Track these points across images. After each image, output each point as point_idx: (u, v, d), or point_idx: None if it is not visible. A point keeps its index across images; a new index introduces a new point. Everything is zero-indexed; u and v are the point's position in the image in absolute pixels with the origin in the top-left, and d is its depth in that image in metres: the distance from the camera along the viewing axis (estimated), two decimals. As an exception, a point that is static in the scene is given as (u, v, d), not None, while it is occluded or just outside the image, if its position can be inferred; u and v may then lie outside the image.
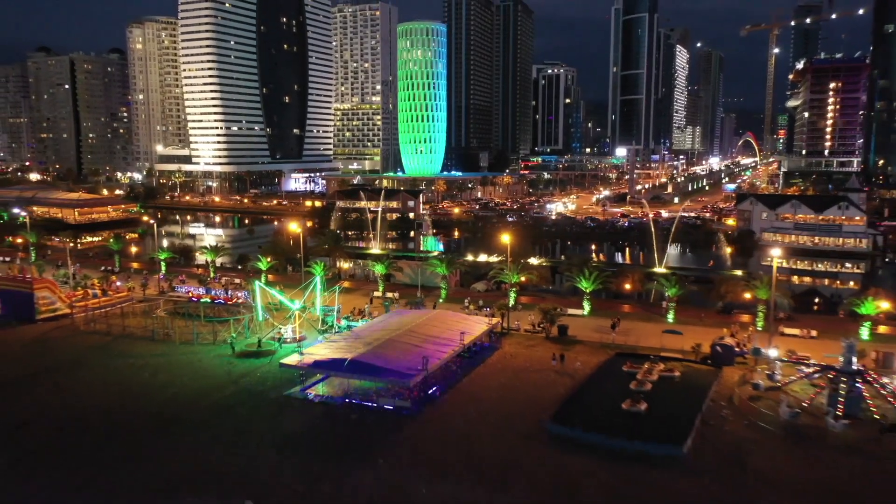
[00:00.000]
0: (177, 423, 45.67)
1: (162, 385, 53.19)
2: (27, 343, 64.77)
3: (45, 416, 47.12)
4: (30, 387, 53.01)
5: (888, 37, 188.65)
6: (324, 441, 43.20)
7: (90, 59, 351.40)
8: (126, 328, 68.58)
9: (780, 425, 44.64)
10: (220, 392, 51.70)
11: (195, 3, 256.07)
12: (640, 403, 46.51)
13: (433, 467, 39.17)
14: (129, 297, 79.11)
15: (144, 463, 40.03)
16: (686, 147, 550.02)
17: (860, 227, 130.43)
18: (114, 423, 45.58)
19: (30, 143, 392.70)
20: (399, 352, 51.24)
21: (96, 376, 55.52)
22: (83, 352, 62.01)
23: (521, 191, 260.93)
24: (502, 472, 38.60)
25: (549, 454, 40.96)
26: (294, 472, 38.78)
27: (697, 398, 48.40)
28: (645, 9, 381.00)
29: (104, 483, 38.05)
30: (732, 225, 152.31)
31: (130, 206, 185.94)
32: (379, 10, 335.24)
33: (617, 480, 37.67)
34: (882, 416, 45.13)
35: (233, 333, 63.61)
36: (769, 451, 41.28)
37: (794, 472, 38.79)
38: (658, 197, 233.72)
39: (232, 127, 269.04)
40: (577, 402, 47.99)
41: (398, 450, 41.66)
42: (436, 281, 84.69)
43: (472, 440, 42.69)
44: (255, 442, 42.69)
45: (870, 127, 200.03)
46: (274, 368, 55.01)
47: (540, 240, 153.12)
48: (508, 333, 67.42)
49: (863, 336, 63.75)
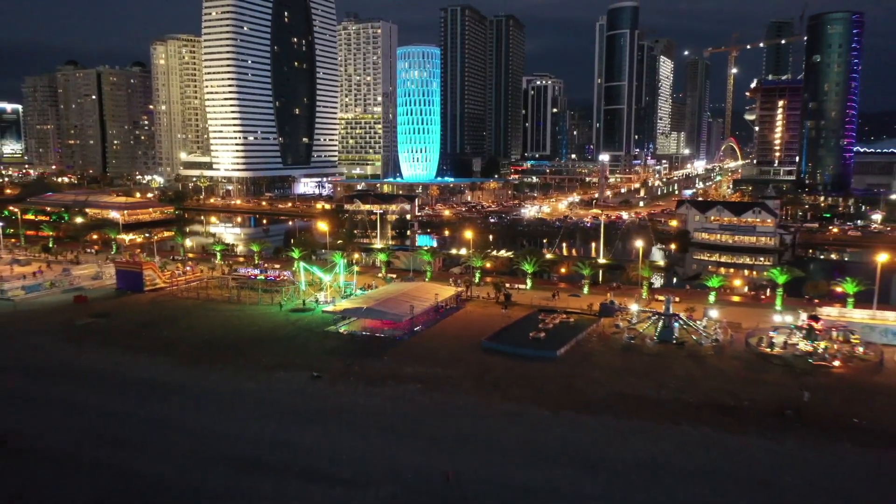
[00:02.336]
0: (264, 342, 76.73)
1: (246, 326, 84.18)
2: (145, 304, 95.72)
3: (184, 339, 78.15)
4: (165, 325, 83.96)
5: (816, 65, 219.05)
6: (351, 350, 74.28)
7: (115, 72, 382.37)
8: (208, 296, 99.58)
9: (620, 344, 75.73)
10: (284, 329, 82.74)
11: (217, 26, 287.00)
12: (541, 333, 77.66)
13: (414, 361, 70.10)
14: (203, 276, 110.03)
15: (252, 359, 71.01)
16: (671, 151, 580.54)
17: (770, 228, 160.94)
18: (226, 343, 76.65)
19: (56, 149, 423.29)
20: (396, 304, 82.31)
21: (202, 321, 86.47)
22: (185, 308, 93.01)
23: (506, 195, 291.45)
24: (452, 362, 69.58)
25: (480, 355, 71.99)
26: (335, 362, 69.82)
27: (577, 331, 79.39)
28: (626, 25, 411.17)
29: (232, 367, 68.92)
30: (675, 226, 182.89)
31: (167, 209, 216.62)
32: (380, 28, 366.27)
33: (513, 365, 68.66)
34: (681, 339, 76.09)
35: (284, 298, 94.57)
36: (606, 355, 72.33)
37: (614, 363, 69.80)
38: (626, 201, 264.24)
39: (249, 137, 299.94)
40: (503, 332, 79.07)
41: (395, 354, 72.67)
42: (424, 266, 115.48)
43: (437, 350, 73.73)
44: (312, 350, 73.80)
45: (802, 142, 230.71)
46: (315, 317, 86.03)
47: (515, 238, 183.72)
48: (471, 299, 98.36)
49: (710, 300, 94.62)
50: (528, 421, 55.90)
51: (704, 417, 56.09)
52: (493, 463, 48.44)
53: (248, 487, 45.46)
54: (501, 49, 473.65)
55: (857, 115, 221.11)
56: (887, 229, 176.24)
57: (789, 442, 51.47)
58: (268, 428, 54.72)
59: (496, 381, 64.58)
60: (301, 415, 57.71)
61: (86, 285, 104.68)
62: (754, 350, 72.48)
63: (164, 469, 48.18)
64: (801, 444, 51.13)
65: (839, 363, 68.00)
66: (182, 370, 68.50)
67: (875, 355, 70.38)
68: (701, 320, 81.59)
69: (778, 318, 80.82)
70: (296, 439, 52.58)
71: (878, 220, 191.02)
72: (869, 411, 57.02)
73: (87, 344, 76.84)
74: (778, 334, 74.37)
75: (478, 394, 61.60)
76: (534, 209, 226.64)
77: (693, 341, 75.42)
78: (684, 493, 44.28)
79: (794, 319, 77.84)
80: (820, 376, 65.80)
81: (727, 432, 53.28)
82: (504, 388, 62.65)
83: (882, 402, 59.18)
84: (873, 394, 61.39)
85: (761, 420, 55.57)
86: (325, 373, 66.87)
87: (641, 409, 57.96)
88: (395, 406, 58.98)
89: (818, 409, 57.58)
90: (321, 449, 50.86)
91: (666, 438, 52.50)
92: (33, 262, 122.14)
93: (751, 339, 75.20)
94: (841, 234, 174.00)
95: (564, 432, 53.66)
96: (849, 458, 48.91)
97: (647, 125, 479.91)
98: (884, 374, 66.72)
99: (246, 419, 56.50)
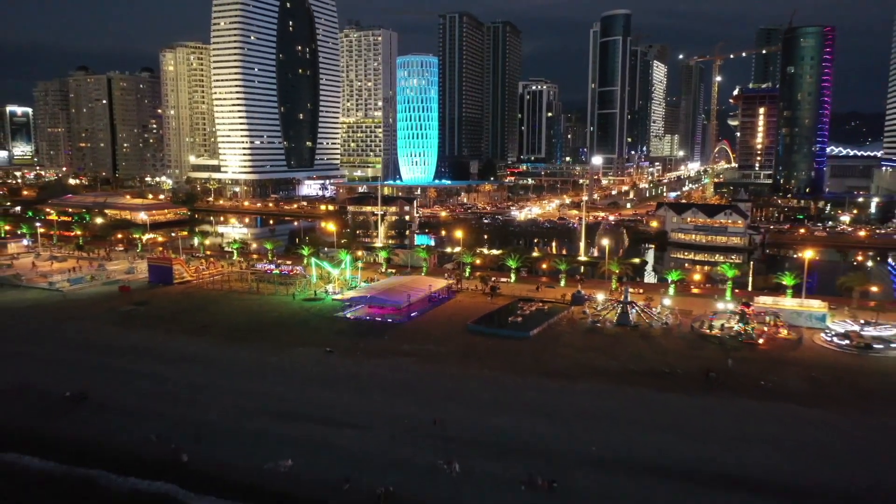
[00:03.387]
0: (282, 325, 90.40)
1: (266, 312, 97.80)
2: (176, 294, 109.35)
3: (215, 323, 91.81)
4: (196, 312, 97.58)
5: (790, 76, 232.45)
6: (357, 331, 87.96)
7: (125, 77, 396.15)
8: (230, 288, 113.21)
9: (585, 327, 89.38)
10: (299, 315, 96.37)
11: (226, 36, 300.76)
12: (518, 318, 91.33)
13: (410, 340, 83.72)
14: (224, 271, 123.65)
15: (274, 338, 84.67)
16: (664, 154, 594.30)
17: (740, 229, 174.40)
18: (251, 325, 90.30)
19: (66, 151, 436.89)
20: (395, 293, 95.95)
21: (228, 309, 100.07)
22: (212, 298, 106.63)
23: (501, 196, 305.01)
24: (442, 341, 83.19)
25: (466, 336, 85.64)
26: (344, 340, 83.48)
27: (550, 316, 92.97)
28: (619, 32, 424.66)
29: (258, 345, 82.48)
30: (655, 226, 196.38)
31: (181, 210, 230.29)
32: (381, 35, 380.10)
33: (493, 343, 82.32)
34: (637, 323, 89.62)
35: (297, 289, 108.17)
36: (572, 336, 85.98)
37: (577, 342, 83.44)
38: (615, 203, 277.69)
39: (255, 141, 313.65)
40: (486, 317, 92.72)
41: (394, 334, 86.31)
42: (420, 262, 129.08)
43: (429, 331, 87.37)
44: (324, 331, 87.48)
45: (778, 148, 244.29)
46: (325, 305, 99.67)
47: (507, 237, 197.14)
48: (461, 291, 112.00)
49: (670, 291, 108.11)
50: (501, 384, 69.52)
51: (644, 381, 69.68)
52: (471, 413, 62.01)
53: (279, 430, 58.89)
54: (498, 54, 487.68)
55: (828, 123, 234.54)
56: (849, 230, 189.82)
57: (705, 398, 65.08)
58: (291, 389, 68.35)
59: (478, 355, 78.23)
60: (317, 380, 71.33)
61: (121, 279, 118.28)
62: (696, 331, 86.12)
63: (211, 418, 61.69)
64: (714, 399, 64.73)
65: (763, 341, 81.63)
66: (216, 347, 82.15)
67: (796, 335, 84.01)
68: (656, 307, 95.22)
69: (721, 305, 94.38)
70: (314, 397, 66.17)
71: (846, 221, 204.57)
72: (775, 377, 70.60)
73: (133, 327, 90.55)
74: (717, 318, 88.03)
75: (462, 364, 75.21)
76: (525, 211, 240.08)
77: (646, 324, 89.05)
78: (615, 433, 57.80)
79: (733, 307, 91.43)
80: (746, 351, 79.43)
81: (659, 391, 66.89)
82: (483, 360, 76.28)
83: (788, 371, 72.78)
84: (784, 364, 75.02)
85: (689, 383, 69.17)
86: (336, 349, 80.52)
87: (594, 375, 71.59)
88: (394, 374, 72.58)
89: (736, 374, 71.21)
90: (335, 405, 64.40)
91: (609, 397, 66.11)
92: (69, 259, 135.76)
93: (695, 322, 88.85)
94: (808, 235, 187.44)
95: (530, 392, 67.24)
96: (746, 409, 62.45)
97: (640, 128, 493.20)
98: (799, 350, 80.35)
99: (273, 383, 70.10)
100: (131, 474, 52.78)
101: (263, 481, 51.24)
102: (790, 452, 53.77)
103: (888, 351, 77.87)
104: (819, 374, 71.69)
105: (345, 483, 50.02)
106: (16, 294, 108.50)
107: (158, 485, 51.53)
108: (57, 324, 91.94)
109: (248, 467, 52.94)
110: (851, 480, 49.35)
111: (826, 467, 51.50)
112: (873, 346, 78.68)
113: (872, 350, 78.21)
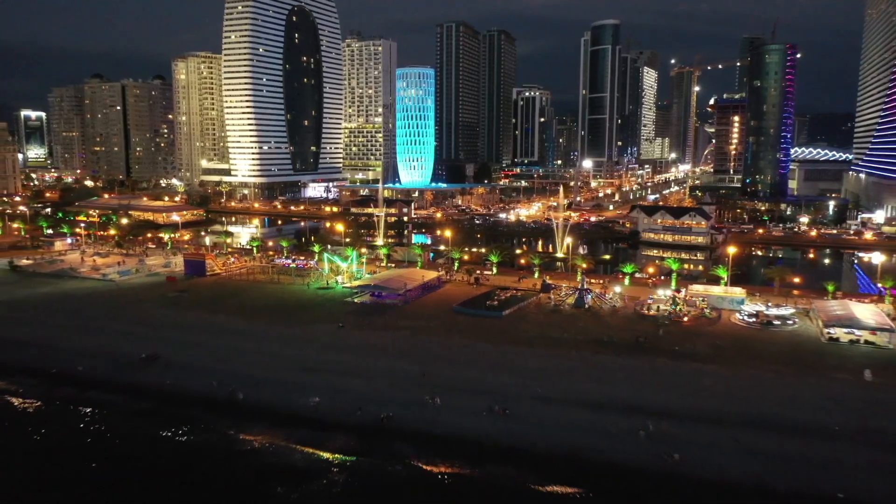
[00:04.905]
0: (302, 307, 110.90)
1: (287, 297, 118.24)
2: (210, 284, 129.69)
3: (246, 305, 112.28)
4: (229, 297, 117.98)
5: (757, 89, 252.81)
6: (363, 312, 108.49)
7: (138, 84, 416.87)
8: (255, 279, 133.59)
9: (549, 309, 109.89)
10: (314, 300, 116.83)
11: (236, 48, 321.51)
12: (494, 301, 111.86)
13: (406, 318, 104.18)
14: (247, 265, 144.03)
15: (295, 317, 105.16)
16: (655, 156, 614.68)
17: (704, 229, 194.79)
18: (276, 308, 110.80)
19: (81, 154, 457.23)
20: (394, 281, 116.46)
21: (255, 295, 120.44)
22: (240, 287, 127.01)
23: (494, 199, 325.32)
24: (432, 319, 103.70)
25: (452, 315, 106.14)
26: (353, 318, 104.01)
27: (521, 301, 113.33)
28: (608, 42, 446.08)
29: (283, 322, 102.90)
30: (629, 227, 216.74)
31: (199, 211, 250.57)
32: (381, 45, 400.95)
33: (472, 321, 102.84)
34: (590, 305, 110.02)
35: (311, 280, 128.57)
36: (537, 315, 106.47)
37: (541, 319, 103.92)
38: (598, 205, 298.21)
39: (263, 146, 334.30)
40: (469, 301, 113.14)
41: (393, 314, 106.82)
42: (415, 257, 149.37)
43: (422, 312, 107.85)
44: (336, 312, 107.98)
45: (746, 154, 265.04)
46: (336, 292, 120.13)
47: (496, 237, 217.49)
48: (450, 281, 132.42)
49: (626, 282, 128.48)
50: (477, 349, 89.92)
51: (586, 347, 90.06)
52: (451, 368, 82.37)
53: (307, 379, 79.10)
54: (494, 61, 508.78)
55: (792, 131, 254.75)
56: (802, 230, 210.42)
57: (630, 358, 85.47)
58: (313, 353, 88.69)
59: (459, 329, 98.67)
60: (333, 347, 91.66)
61: (160, 271, 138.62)
62: (637, 312, 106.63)
63: (255, 371, 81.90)
64: (637, 359, 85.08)
65: (688, 319, 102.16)
66: (250, 323, 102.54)
67: (717, 315, 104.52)
68: (609, 294, 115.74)
69: (660, 292, 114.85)
70: (331, 359, 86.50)
71: (804, 222, 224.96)
72: (689, 344, 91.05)
73: (181, 308, 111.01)
74: (654, 301, 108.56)
75: (446, 336, 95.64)
76: (514, 212, 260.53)
77: (598, 306, 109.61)
78: (555, 381, 78.09)
79: (669, 293, 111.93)
80: (673, 326, 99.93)
81: (596, 353, 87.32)
82: (463, 333, 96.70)
83: (701, 340, 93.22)
84: (700, 335, 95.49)
85: (622, 348, 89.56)
86: (347, 324, 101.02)
87: (549, 343, 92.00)
88: (393, 342, 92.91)
89: (661, 342, 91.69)
90: (347, 363, 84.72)
91: (556, 358, 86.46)
92: (110, 255, 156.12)
93: (637, 305, 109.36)
94: (766, 235, 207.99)
95: (496, 355, 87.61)
96: (659, 366, 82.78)
97: (630, 132, 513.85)
98: (716, 326, 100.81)
99: (298, 349, 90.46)
100: (204, 409, 73.46)
101: (299, 412, 71.57)
102: (682, 392, 74.22)
103: (784, 326, 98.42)
104: (723, 342, 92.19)
105: (357, 411, 70.46)
106: (75, 283, 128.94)
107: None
108: (119, 306, 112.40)
109: (287, 403, 73.29)
110: (721, 409, 69.68)
111: (705, 401, 71.84)
112: (773, 322, 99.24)
113: (772, 326, 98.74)
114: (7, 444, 67.71)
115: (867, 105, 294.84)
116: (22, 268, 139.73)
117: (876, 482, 56.42)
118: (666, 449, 61.00)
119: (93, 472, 62.05)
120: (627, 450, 61.78)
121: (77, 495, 58.35)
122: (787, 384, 76.86)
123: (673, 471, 58.70)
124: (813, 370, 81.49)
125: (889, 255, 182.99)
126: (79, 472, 61.81)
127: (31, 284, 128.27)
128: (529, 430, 65.98)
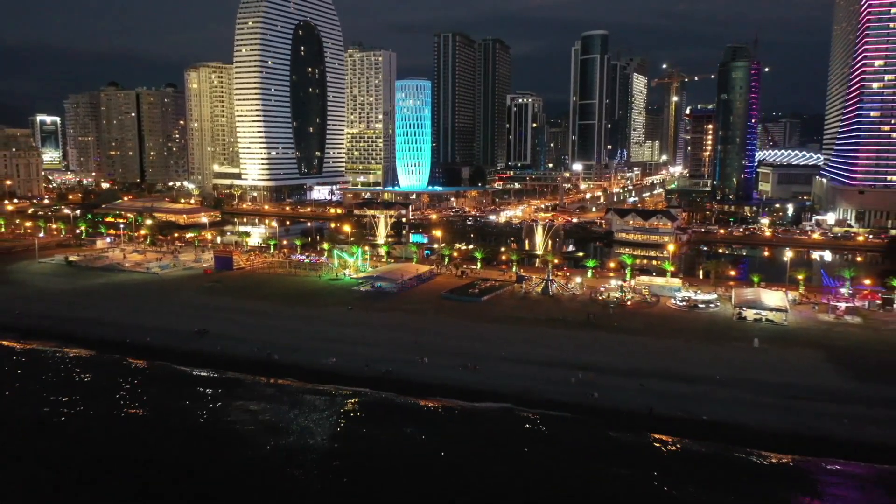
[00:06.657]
0: (316, 295, 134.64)
1: (303, 287, 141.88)
2: (238, 277, 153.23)
3: (270, 293, 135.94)
4: (256, 287, 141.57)
5: (725, 102, 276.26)
6: (368, 298, 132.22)
7: (152, 92, 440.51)
8: (275, 272, 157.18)
9: (520, 296, 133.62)
10: (327, 289, 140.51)
11: (247, 61, 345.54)
12: (476, 290, 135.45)
13: (403, 303, 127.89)
14: (268, 260, 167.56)
15: (311, 302, 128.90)
16: (645, 159, 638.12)
17: (669, 230, 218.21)
18: (295, 294, 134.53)
19: (96, 158, 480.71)
20: (393, 273, 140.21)
21: (277, 285, 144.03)
22: (263, 279, 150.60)
23: (487, 201, 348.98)
24: (424, 303, 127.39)
25: (441, 300, 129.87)
26: (359, 303, 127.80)
27: (498, 290, 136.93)
28: (597, 51, 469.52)
29: (303, 305, 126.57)
30: (604, 227, 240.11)
31: (215, 212, 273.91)
32: (381, 56, 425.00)
33: (457, 305, 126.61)
34: (554, 293, 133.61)
35: (323, 273, 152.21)
36: (509, 300, 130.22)
37: (513, 304, 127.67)
38: (583, 207, 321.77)
39: (272, 152, 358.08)
40: (454, 290, 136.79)
41: (392, 300, 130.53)
42: (412, 254, 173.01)
43: (416, 298, 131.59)
44: (345, 298, 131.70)
45: (716, 161, 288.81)
46: (344, 283, 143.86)
47: (486, 236, 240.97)
48: (440, 273, 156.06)
49: (588, 274, 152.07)
50: (460, 325, 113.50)
51: (545, 324, 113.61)
52: (438, 339, 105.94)
53: (325, 347, 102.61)
54: (489, 69, 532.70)
55: (756, 140, 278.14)
56: (760, 230, 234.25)
57: (579, 332, 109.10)
58: (328, 328, 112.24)
59: (446, 311, 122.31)
60: (344, 324, 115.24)
61: (193, 266, 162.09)
62: (592, 298, 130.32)
63: (284, 340, 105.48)
64: (584, 332, 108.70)
65: (631, 303, 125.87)
66: (276, 306, 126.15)
67: (655, 300, 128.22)
68: (571, 284, 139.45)
69: (613, 282, 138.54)
70: (343, 332, 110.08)
71: (765, 223, 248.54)
72: (626, 322, 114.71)
73: (217, 295, 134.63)
74: (606, 290, 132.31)
75: (436, 316, 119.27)
76: (503, 214, 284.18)
77: (560, 293, 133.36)
78: (516, 347, 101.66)
79: (619, 283, 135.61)
80: (619, 308, 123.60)
81: (552, 328, 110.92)
82: (449, 313, 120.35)
83: (637, 319, 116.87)
84: (638, 315, 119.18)
85: (574, 325, 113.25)
86: (355, 307, 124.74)
87: (516, 321, 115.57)
88: (392, 320, 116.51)
89: (606, 320, 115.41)
90: (356, 336, 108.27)
91: (520, 331, 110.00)
92: (146, 252, 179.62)
93: (593, 293, 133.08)
94: (727, 235, 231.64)
95: (474, 329, 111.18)
96: (600, 337, 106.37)
97: (620, 136, 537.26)
98: (653, 309, 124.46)
99: (316, 325, 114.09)
100: (249, 367, 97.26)
101: (321, 368, 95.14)
102: (610, 354, 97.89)
103: (707, 309, 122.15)
104: (655, 321, 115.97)
105: (365, 367, 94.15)
106: (124, 276, 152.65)
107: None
108: (165, 293, 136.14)
109: (311, 362, 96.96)
110: (637, 366, 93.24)
111: (625, 360, 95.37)
112: (698, 305, 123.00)
113: (698, 308, 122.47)
114: (117, 395, 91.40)
115: (833, 113, 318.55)
116: (75, 263, 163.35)
117: (735, 410, 79.90)
118: (589, 390, 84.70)
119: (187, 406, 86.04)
120: (561, 391, 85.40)
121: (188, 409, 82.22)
122: (693, 349, 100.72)
123: (592, 404, 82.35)
124: (717, 340, 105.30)
125: (834, 253, 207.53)
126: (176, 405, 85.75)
127: (88, 277, 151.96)
128: (493, 379, 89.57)
